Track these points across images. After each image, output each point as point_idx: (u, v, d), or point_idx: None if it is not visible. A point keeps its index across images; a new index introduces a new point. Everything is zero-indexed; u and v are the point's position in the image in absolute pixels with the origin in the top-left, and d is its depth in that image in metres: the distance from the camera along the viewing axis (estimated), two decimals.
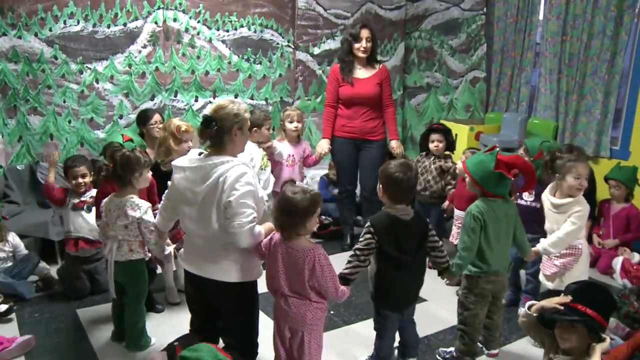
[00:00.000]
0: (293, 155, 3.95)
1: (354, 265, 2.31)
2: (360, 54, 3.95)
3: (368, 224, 2.32)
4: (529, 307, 2.16)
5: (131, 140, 3.21)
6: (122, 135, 3.17)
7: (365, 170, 4.12)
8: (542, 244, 2.75)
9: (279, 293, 2.17)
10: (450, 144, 3.87)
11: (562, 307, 2.02)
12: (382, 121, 4.10)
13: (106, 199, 2.71)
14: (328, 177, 4.93)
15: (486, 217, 2.45)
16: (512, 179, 2.43)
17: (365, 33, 3.92)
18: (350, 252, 2.36)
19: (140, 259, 2.69)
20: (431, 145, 3.81)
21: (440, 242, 2.46)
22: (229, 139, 2.19)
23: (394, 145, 4.12)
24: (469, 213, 2.48)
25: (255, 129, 3.56)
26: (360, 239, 2.32)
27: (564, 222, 2.71)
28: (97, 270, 3.35)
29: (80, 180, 3.27)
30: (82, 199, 3.33)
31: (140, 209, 2.60)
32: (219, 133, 2.18)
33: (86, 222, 3.32)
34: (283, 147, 3.93)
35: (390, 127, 4.11)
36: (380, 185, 2.36)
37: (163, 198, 2.46)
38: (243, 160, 2.21)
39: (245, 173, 2.13)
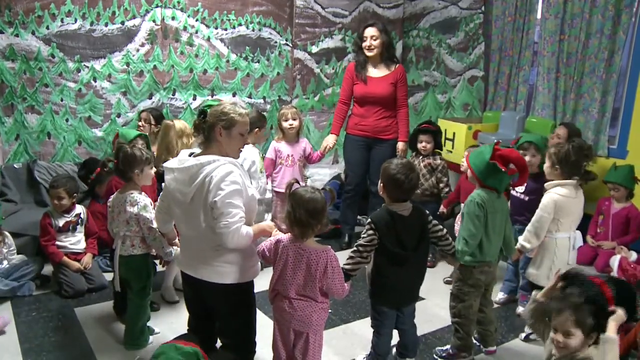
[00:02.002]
0: (292, 155, 3.94)
1: (356, 261, 2.32)
2: (367, 52, 3.98)
3: (369, 220, 2.34)
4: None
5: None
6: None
7: (376, 168, 4.10)
8: (519, 240, 2.80)
9: (283, 296, 2.15)
10: (439, 144, 3.90)
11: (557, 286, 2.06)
12: (395, 120, 4.11)
13: (113, 196, 2.74)
14: (340, 179, 4.81)
15: (487, 206, 2.49)
16: (504, 171, 2.44)
17: (369, 32, 3.95)
18: (352, 249, 2.36)
19: (143, 253, 2.70)
20: (419, 146, 3.86)
21: (445, 230, 2.49)
22: (214, 137, 2.18)
23: (400, 147, 4.11)
24: (472, 201, 2.51)
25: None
26: (363, 235, 2.33)
27: None
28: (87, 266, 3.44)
29: (56, 202, 3.36)
30: (67, 219, 3.42)
31: (138, 204, 2.62)
32: (207, 129, 2.18)
33: (72, 239, 3.44)
34: (281, 147, 3.92)
35: (401, 128, 4.11)
36: (381, 184, 2.37)
37: (158, 199, 2.45)
38: (230, 159, 2.16)
39: (231, 172, 2.09)
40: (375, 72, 4.04)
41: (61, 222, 3.40)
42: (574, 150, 2.71)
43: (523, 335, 2.95)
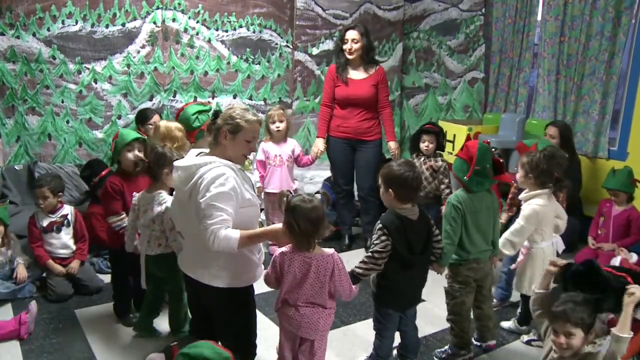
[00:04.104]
0: (280, 155, 3.93)
1: (369, 267, 2.30)
2: (348, 56, 3.99)
3: (380, 225, 2.30)
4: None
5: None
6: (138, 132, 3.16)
7: (362, 171, 4.12)
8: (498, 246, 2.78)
9: (290, 305, 2.12)
10: (441, 145, 3.91)
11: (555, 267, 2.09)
12: (377, 121, 4.11)
13: (139, 195, 2.76)
14: (330, 181, 4.84)
15: (464, 207, 2.53)
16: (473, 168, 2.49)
17: (350, 35, 3.95)
18: (366, 254, 2.34)
19: (171, 252, 2.72)
20: (422, 145, 3.86)
21: (440, 236, 2.52)
22: (219, 139, 2.19)
23: (393, 146, 4.13)
24: (449, 203, 2.57)
25: None
26: (376, 241, 2.29)
27: None
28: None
29: (41, 201, 3.36)
30: (52, 219, 3.40)
31: (166, 203, 2.65)
32: (215, 131, 2.21)
33: (56, 242, 3.41)
34: (268, 147, 3.92)
35: (388, 128, 4.12)
36: (389, 189, 2.32)
37: (173, 195, 2.47)
38: (227, 162, 2.15)
39: (223, 174, 2.08)
40: (356, 74, 4.04)
41: (45, 222, 3.38)
42: (546, 158, 2.73)
43: (525, 338, 2.95)
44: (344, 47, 3.98)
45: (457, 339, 2.68)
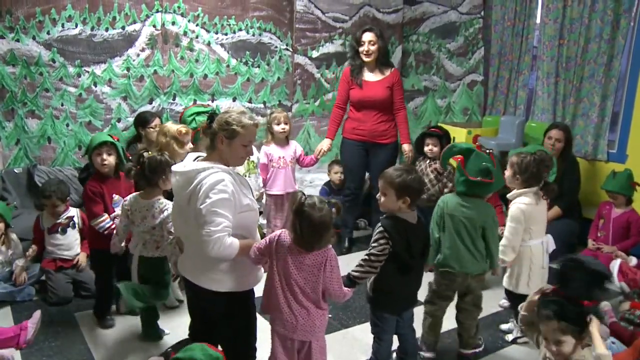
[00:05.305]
0: (283, 157, 3.93)
1: (365, 270, 2.30)
2: (365, 58, 3.99)
3: (381, 229, 2.30)
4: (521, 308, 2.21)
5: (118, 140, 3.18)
6: (110, 135, 3.08)
7: (377, 173, 4.10)
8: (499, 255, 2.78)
9: (283, 306, 2.10)
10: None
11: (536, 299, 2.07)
12: (393, 124, 4.11)
13: (130, 198, 2.75)
14: (329, 186, 4.84)
15: (446, 206, 2.59)
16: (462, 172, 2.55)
17: (367, 37, 3.95)
18: (363, 257, 2.33)
19: (165, 256, 2.74)
20: (426, 149, 3.89)
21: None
22: (216, 144, 2.18)
23: (407, 149, 4.12)
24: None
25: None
26: (374, 244, 2.29)
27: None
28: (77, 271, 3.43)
29: (51, 210, 3.37)
30: (57, 221, 3.41)
31: (168, 209, 2.66)
32: (211, 135, 2.20)
33: (61, 242, 3.41)
34: (271, 150, 3.93)
35: (402, 130, 4.13)
36: (399, 193, 2.29)
37: (173, 203, 2.46)
38: (224, 167, 2.14)
39: (222, 180, 2.07)
40: (371, 76, 4.05)
41: (50, 223, 3.40)
42: (536, 162, 2.76)
43: (510, 337, 2.98)
44: (361, 49, 3.97)
45: (421, 337, 2.74)
